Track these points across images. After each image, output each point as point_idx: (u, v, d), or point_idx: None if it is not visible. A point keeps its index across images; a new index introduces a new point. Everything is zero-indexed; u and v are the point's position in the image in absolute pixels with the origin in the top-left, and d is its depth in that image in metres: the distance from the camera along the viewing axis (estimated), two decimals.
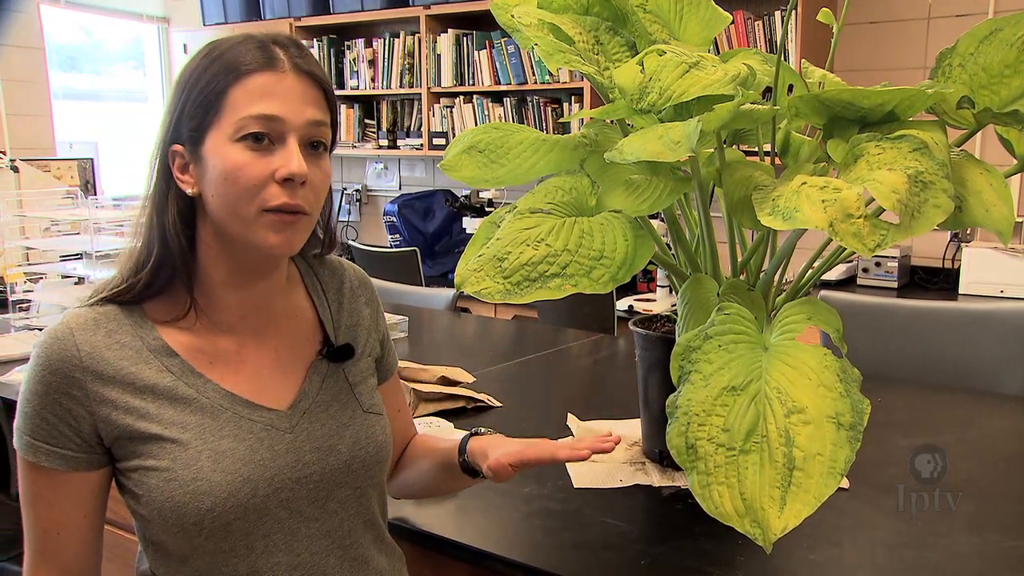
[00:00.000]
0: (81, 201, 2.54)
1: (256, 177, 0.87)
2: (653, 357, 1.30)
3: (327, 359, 1.02)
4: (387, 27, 4.47)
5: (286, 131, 0.89)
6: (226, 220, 0.90)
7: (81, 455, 0.90)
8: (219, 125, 0.88)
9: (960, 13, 3.19)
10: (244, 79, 0.88)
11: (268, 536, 0.92)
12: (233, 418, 0.92)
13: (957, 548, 1.09)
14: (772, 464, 0.89)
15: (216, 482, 0.88)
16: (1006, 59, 1.06)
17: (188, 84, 0.90)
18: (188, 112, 0.89)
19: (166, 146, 0.91)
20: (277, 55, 0.90)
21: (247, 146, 0.87)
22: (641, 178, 1.14)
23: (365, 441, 0.99)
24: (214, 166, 0.88)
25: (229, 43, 0.91)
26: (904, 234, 0.89)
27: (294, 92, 0.89)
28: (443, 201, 4.33)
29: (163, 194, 0.92)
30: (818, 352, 0.95)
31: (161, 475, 0.88)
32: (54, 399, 0.88)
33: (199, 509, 0.88)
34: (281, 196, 0.88)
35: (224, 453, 0.90)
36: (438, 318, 2.54)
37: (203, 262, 0.94)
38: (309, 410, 0.97)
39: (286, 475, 0.93)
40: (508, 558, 1.08)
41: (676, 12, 1.26)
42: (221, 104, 0.88)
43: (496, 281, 1.02)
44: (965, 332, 2.07)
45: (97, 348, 0.89)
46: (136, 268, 0.93)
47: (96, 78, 5.24)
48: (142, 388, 0.90)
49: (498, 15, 1.30)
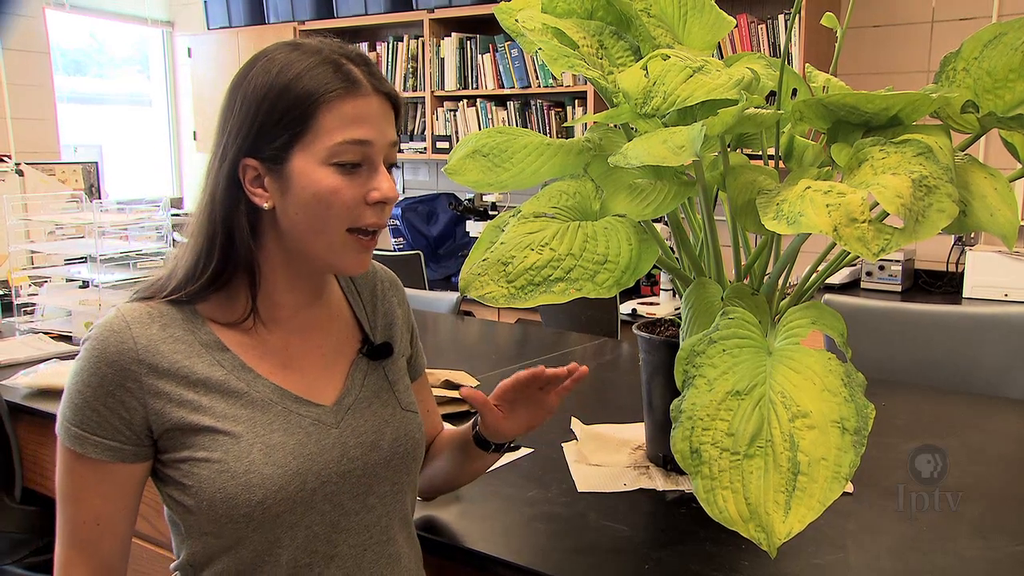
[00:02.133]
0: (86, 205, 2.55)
1: (351, 200, 0.91)
2: (657, 361, 1.30)
3: (368, 357, 1.05)
4: (391, 31, 4.48)
5: (374, 154, 0.93)
6: (307, 238, 0.93)
7: (128, 447, 0.91)
8: (308, 148, 0.90)
9: (964, 17, 3.19)
10: (333, 104, 0.90)
11: (311, 528, 0.94)
12: (283, 412, 0.95)
13: (962, 552, 1.09)
14: (776, 469, 0.89)
15: (268, 475, 0.90)
16: (1010, 63, 1.06)
17: (261, 100, 0.90)
18: (267, 130, 0.90)
19: (236, 158, 0.92)
20: (357, 77, 0.92)
21: (338, 170, 0.91)
22: (645, 182, 1.14)
23: (404, 438, 1.02)
24: (304, 188, 0.91)
25: (302, 62, 0.91)
26: (908, 238, 0.88)
27: (379, 115, 0.93)
28: (447, 204, 4.33)
29: (232, 204, 0.93)
30: (822, 356, 0.95)
31: (213, 467, 0.90)
32: (108, 391, 0.89)
33: (250, 501, 0.89)
34: (372, 216, 0.93)
35: (275, 446, 0.92)
36: (442, 321, 2.54)
37: (263, 269, 0.96)
38: (353, 406, 1.00)
39: (332, 469, 0.95)
40: (512, 562, 1.08)
41: (680, 16, 1.26)
42: (309, 127, 0.90)
43: (500, 285, 1.02)
44: (969, 336, 2.06)
45: (153, 341, 0.91)
46: (197, 272, 0.95)
47: (101, 82, 5.26)
48: (195, 381, 0.92)
49: (502, 19, 1.30)
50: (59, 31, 4.83)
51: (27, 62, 4.42)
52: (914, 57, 3.30)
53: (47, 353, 2.04)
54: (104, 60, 5.31)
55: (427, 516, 1.20)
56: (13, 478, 1.85)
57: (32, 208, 2.67)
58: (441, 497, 1.23)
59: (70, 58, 5.05)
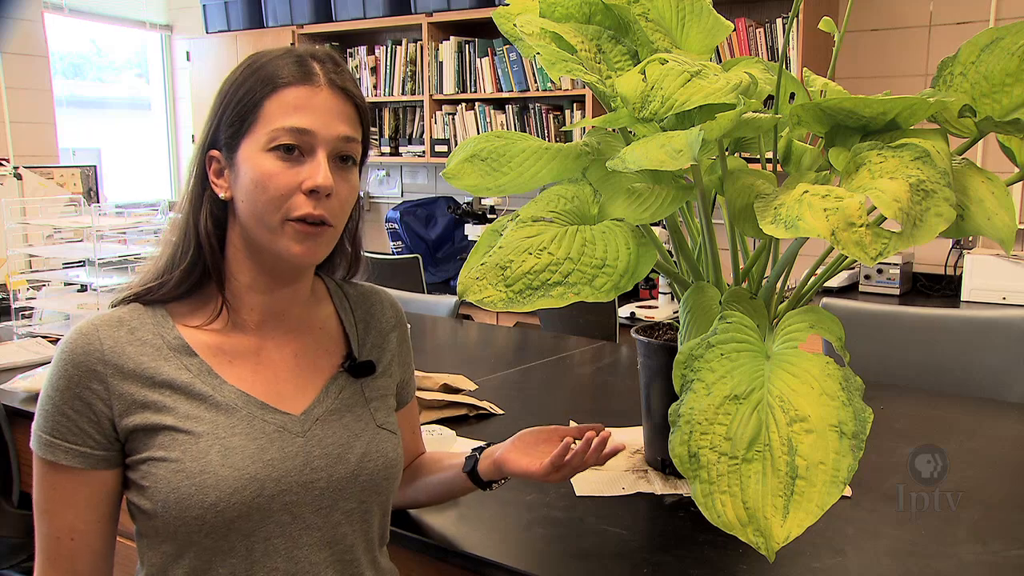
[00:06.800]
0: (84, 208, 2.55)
1: (284, 187, 0.91)
2: (655, 365, 1.30)
3: (348, 372, 1.03)
4: (389, 34, 4.48)
5: (316, 144, 0.92)
6: (253, 226, 0.93)
7: (99, 452, 0.91)
8: (253, 134, 0.92)
9: (961, 21, 3.19)
10: (280, 91, 0.92)
11: (269, 540, 0.92)
12: (247, 417, 0.94)
13: (961, 557, 1.09)
14: (775, 473, 0.89)
15: (223, 476, 0.89)
16: (1007, 68, 1.06)
17: (227, 93, 0.94)
18: (226, 120, 0.93)
19: (204, 151, 0.95)
20: (313, 69, 0.93)
21: (278, 156, 0.91)
22: (643, 186, 1.14)
23: (375, 454, 1.00)
24: (245, 173, 0.92)
25: (269, 56, 0.95)
26: (906, 243, 0.89)
27: (327, 107, 0.93)
28: (445, 208, 4.33)
29: (199, 197, 0.96)
30: (820, 360, 0.95)
31: (170, 466, 0.89)
32: (75, 393, 0.90)
33: (203, 503, 0.88)
34: (305, 207, 0.91)
35: (234, 449, 0.91)
36: (440, 325, 2.54)
37: (231, 264, 0.97)
38: (322, 417, 0.98)
39: (293, 478, 0.93)
40: (510, 567, 1.08)
41: (678, 21, 1.27)
42: (257, 114, 0.92)
43: (499, 290, 1.02)
44: (968, 339, 2.07)
45: (119, 343, 0.92)
46: (169, 267, 0.96)
47: (100, 85, 5.26)
48: (160, 383, 0.92)
49: (500, 24, 1.30)
50: (58, 35, 4.83)
51: (26, 66, 4.42)
52: (912, 61, 3.31)
53: (45, 357, 2.04)
54: (103, 64, 5.32)
55: (425, 520, 1.20)
56: (11, 482, 1.85)
57: (30, 212, 2.67)
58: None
59: (69, 62, 5.05)
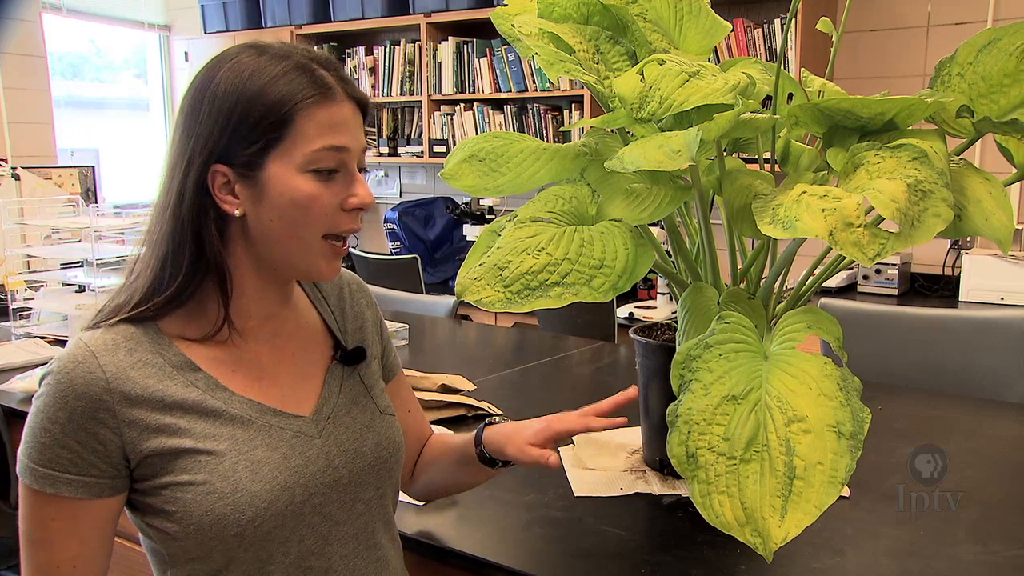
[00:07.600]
0: (82, 209, 2.55)
1: (328, 206, 0.91)
2: (653, 365, 1.30)
3: (342, 363, 1.03)
4: (388, 35, 4.48)
5: (350, 160, 0.93)
6: (281, 244, 0.91)
7: (105, 480, 0.87)
8: (285, 154, 0.89)
9: (959, 21, 3.20)
10: (310, 110, 0.89)
11: (303, 542, 0.93)
12: (263, 427, 0.93)
13: (960, 557, 1.09)
14: (773, 473, 0.89)
15: (256, 492, 0.88)
16: (1005, 68, 1.06)
17: (232, 106, 0.88)
18: (240, 136, 0.88)
19: (205, 165, 0.89)
20: (329, 82, 0.91)
21: (316, 176, 0.90)
22: (641, 187, 1.14)
23: (386, 442, 1.02)
24: (281, 194, 0.89)
25: (271, 66, 0.89)
26: (904, 243, 0.89)
27: (352, 121, 0.93)
28: (444, 208, 4.33)
29: (200, 212, 0.90)
30: (818, 361, 0.95)
31: (198, 489, 0.87)
32: (79, 425, 0.85)
33: (240, 520, 0.87)
34: (349, 223, 0.93)
35: (260, 462, 0.90)
36: (439, 325, 2.54)
37: (234, 277, 0.94)
38: (332, 415, 0.99)
39: (319, 480, 0.94)
40: (508, 567, 1.08)
41: (676, 21, 1.27)
42: (285, 134, 0.88)
43: (497, 290, 1.02)
44: (966, 339, 2.07)
45: (121, 368, 0.87)
46: (164, 283, 0.91)
47: (99, 86, 5.26)
48: (170, 404, 0.89)
49: (499, 24, 1.30)
50: (56, 35, 4.82)
51: (24, 66, 4.41)
52: (910, 61, 3.31)
53: (43, 358, 2.04)
54: (101, 64, 5.31)
55: (424, 520, 1.20)
56: (8, 484, 1.85)
57: (28, 212, 2.66)
58: (437, 501, 1.23)
59: (67, 62, 5.04)
